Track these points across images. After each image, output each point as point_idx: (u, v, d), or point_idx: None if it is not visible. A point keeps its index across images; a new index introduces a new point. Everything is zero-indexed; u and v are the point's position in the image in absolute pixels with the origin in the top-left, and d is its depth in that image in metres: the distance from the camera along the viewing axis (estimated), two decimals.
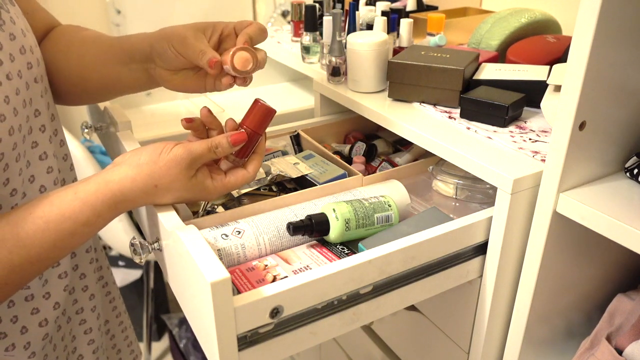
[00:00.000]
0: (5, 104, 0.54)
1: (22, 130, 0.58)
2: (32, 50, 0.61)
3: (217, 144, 0.60)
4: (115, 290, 0.86)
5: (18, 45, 0.58)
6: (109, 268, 0.85)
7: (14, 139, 0.57)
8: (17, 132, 0.57)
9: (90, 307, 0.74)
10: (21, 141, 0.59)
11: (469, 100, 0.75)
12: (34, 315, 0.64)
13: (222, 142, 0.60)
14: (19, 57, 0.58)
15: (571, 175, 0.57)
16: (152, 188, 0.57)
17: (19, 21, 0.60)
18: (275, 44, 1.20)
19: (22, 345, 0.64)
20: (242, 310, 0.50)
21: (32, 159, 0.61)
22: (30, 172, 0.61)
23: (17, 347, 0.64)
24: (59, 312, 0.68)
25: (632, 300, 0.68)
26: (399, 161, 0.88)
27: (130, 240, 0.60)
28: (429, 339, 0.83)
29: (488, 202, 0.75)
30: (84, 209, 0.54)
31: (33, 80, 0.60)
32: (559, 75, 0.70)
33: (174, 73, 0.66)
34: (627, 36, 0.52)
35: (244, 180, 0.62)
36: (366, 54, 0.83)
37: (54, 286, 0.67)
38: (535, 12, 0.98)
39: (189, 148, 0.58)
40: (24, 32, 0.60)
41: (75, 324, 0.73)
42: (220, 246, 0.61)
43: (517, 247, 0.65)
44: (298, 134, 0.90)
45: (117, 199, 0.55)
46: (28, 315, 0.64)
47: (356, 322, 0.61)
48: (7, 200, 0.58)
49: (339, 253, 0.64)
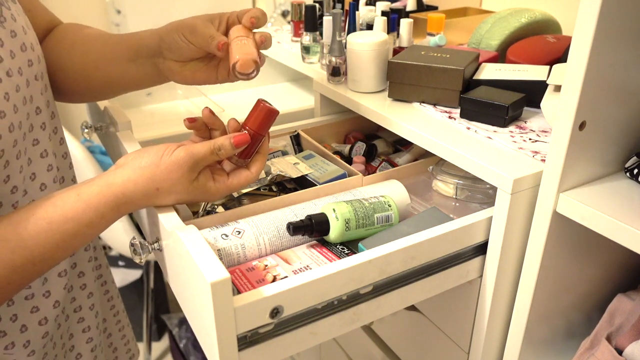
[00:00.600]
0: (5, 100, 0.55)
1: (22, 128, 0.58)
2: (33, 48, 0.61)
3: (219, 146, 0.59)
4: (114, 289, 0.86)
5: (19, 42, 0.58)
6: (108, 267, 0.85)
7: (14, 136, 0.57)
8: (17, 129, 0.57)
9: (88, 305, 0.74)
10: (22, 138, 0.59)
11: (469, 100, 0.75)
12: (33, 314, 0.65)
13: (225, 144, 0.60)
14: (20, 55, 0.58)
15: (571, 175, 0.57)
16: (154, 191, 0.57)
17: (20, 19, 0.60)
18: (275, 44, 1.20)
19: (22, 343, 0.64)
20: (242, 310, 0.50)
21: (33, 157, 0.62)
22: (31, 169, 0.61)
23: (17, 345, 0.64)
24: (59, 310, 0.68)
25: (632, 300, 0.68)
26: (399, 161, 0.88)
27: (130, 240, 0.61)
28: (429, 339, 0.83)
29: (488, 202, 0.75)
30: (87, 211, 0.54)
31: (33, 77, 0.61)
32: (559, 75, 0.70)
33: (183, 65, 0.67)
34: (627, 36, 0.52)
35: (247, 181, 0.62)
36: (366, 54, 0.83)
37: (54, 284, 0.67)
38: (535, 12, 0.98)
39: (191, 151, 0.58)
40: (24, 30, 0.60)
41: (73, 322, 0.73)
42: (220, 246, 0.61)
43: (517, 247, 0.65)
44: (298, 134, 0.90)
45: (120, 201, 0.56)
46: (28, 313, 0.64)
47: (356, 322, 0.61)
48: (8, 197, 0.58)
49: (339, 253, 0.64)
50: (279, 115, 0.64)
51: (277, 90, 1.30)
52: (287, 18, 1.93)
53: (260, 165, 0.64)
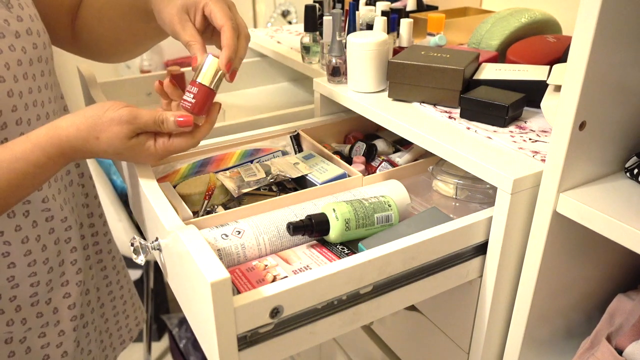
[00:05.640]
0: (5, 69, 0.60)
1: (22, 98, 0.63)
2: (39, 34, 0.66)
3: (163, 120, 0.62)
4: (113, 273, 0.90)
5: (25, 26, 0.63)
6: (109, 252, 0.89)
7: (13, 101, 0.61)
8: (16, 97, 0.62)
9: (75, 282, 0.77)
10: (23, 108, 0.63)
11: (469, 100, 0.75)
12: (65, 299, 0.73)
13: (169, 120, 0.62)
14: (25, 36, 0.63)
15: (571, 175, 0.57)
16: (94, 139, 0.60)
17: (29, 8, 0.65)
18: (276, 43, 1.20)
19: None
20: (242, 310, 0.50)
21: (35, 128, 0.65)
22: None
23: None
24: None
25: (632, 300, 0.68)
26: (399, 161, 0.88)
27: (130, 240, 0.61)
28: (429, 339, 0.83)
29: (488, 202, 0.75)
30: (34, 150, 0.57)
31: (37, 59, 0.65)
32: (559, 75, 0.70)
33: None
34: (627, 36, 0.52)
35: (187, 145, 0.64)
36: (366, 54, 0.83)
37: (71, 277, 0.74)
38: (535, 12, 0.98)
39: (135, 114, 0.60)
40: (32, 18, 0.65)
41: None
42: (220, 246, 0.61)
43: (517, 247, 0.65)
44: (298, 134, 0.90)
45: (64, 144, 0.59)
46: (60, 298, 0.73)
47: (356, 322, 0.61)
48: None
49: (339, 253, 0.64)
50: (279, 116, 0.64)
51: (277, 90, 1.30)
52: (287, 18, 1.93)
53: (203, 132, 0.65)
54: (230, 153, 0.82)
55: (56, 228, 0.71)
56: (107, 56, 0.83)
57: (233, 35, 0.63)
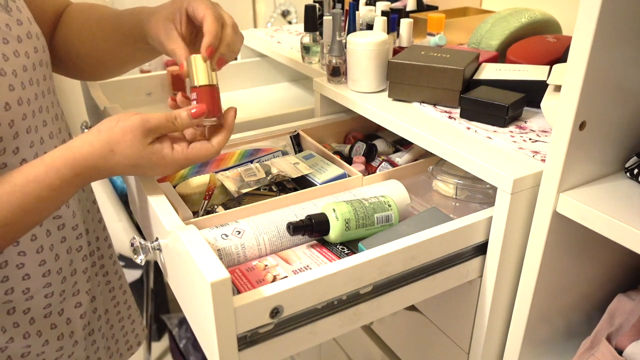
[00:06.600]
0: (13, 76, 0.58)
1: (30, 105, 0.62)
2: (38, 37, 0.65)
3: (176, 115, 0.60)
4: (116, 280, 0.88)
5: (25, 30, 0.62)
6: (111, 258, 0.87)
7: (23, 110, 0.60)
8: (25, 105, 0.61)
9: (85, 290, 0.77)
10: (31, 115, 0.62)
11: (469, 100, 0.75)
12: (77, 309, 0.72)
13: (182, 114, 0.60)
14: (26, 41, 0.62)
15: (571, 175, 0.57)
16: (109, 153, 0.58)
17: (25, 11, 0.64)
18: (276, 43, 1.20)
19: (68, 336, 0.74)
20: (242, 310, 0.50)
21: (43, 136, 0.64)
22: (43, 148, 0.64)
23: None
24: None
25: (632, 300, 0.68)
26: (399, 161, 0.88)
27: (130, 240, 0.61)
28: (429, 339, 0.83)
29: (488, 202, 0.75)
30: (48, 172, 0.56)
31: (38, 63, 0.64)
32: (559, 75, 0.70)
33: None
34: (627, 36, 0.52)
35: (207, 153, 0.62)
36: (366, 54, 0.83)
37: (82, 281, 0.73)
38: (535, 12, 0.98)
39: (146, 117, 0.59)
40: (30, 20, 0.64)
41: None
42: (220, 246, 0.61)
43: (517, 247, 0.65)
44: (298, 134, 0.90)
45: (78, 163, 0.57)
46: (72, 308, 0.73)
47: (356, 322, 0.61)
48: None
49: (339, 253, 0.64)
50: (279, 116, 0.64)
51: (277, 90, 1.30)
52: (287, 18, 1.93)
53: (223, 138, 0.63)
54: (230, 153, 0.82)
55: (67, 236, 0.70)
56: (86, 76, 0.80)
57: (214, 21, 0.62)
